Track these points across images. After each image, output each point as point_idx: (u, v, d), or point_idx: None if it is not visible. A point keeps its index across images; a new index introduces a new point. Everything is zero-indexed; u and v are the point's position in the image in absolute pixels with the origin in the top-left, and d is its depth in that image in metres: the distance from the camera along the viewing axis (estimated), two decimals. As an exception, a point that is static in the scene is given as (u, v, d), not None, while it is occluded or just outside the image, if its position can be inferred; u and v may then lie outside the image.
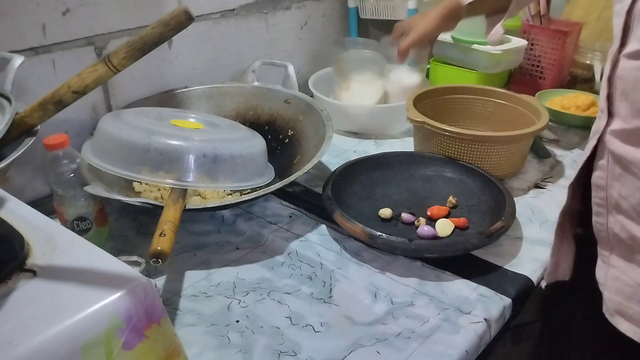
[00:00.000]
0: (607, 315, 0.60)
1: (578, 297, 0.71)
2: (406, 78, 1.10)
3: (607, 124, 0.57)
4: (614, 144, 0.56)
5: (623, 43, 0.54)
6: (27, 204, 0.47)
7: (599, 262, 0.61)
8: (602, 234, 0.60)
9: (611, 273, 0.59)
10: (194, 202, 0.82)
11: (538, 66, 1.21)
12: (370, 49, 1.19)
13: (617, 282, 0.59)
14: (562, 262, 0.68)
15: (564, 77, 1.25)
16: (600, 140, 0.58)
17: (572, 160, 0.97)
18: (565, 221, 0.66)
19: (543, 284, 0.70)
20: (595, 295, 0.62)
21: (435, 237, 0.74)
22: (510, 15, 0.89)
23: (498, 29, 0.89)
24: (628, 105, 0.53)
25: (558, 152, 1.00)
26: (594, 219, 0.60)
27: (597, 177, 0.59)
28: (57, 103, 0.68)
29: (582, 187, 0.63)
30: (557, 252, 0.68)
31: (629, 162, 0.54)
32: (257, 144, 0.80)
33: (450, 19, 0.88)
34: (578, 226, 0.67)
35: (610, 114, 0.56)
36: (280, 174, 0.84)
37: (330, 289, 0.67)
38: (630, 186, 0.55)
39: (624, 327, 0.58)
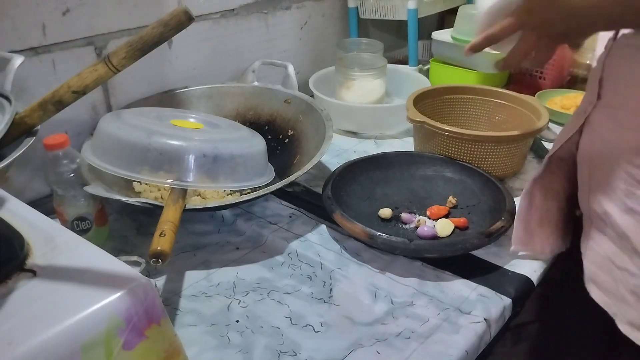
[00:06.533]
0: (585, 283, 0.64)
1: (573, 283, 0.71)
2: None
3: (595, 106, 0.61)
4: (600, 125, 0.60)
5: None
6: (27, 204, 0.47)
7: (582, 234, 0.65)
8: (584, 207, 0.64)
9: (589, 244, 0.63)
10: (194, 202, 0.82)
11: (538, 66, 1.21)
12: (372, 49, 1.20)
13: (592, 252, 0.62)
14: (535, 233, 0.70)
15: (564, 77, 1.25)
16: (586, 120, 0.62)
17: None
18: (535, 189, 0.69)
19: (511, 249, 0.71)
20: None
21: (435, 237, 0.74)
22: None
23: None
24: (616, 89, 0.58)
25: (558, 152, 1.00)
26: (579, 193, 0.64)
27: (582, 154, 0.63)
28: (57, 103, 0.68)
29: (565, 163, 0.67)
30: (525, 218, 0.69)
31: (611, 144, 0.58)
32: (257, 144, 0.80)
33: None
34: (557, 201, 0.70)
35: (599, 96, 0.60)
36: (280, 174, 0.84)
37: (330, 289, 0.67)
38: (609, 165, 0.58)
39: (595, 294, 0.62)
